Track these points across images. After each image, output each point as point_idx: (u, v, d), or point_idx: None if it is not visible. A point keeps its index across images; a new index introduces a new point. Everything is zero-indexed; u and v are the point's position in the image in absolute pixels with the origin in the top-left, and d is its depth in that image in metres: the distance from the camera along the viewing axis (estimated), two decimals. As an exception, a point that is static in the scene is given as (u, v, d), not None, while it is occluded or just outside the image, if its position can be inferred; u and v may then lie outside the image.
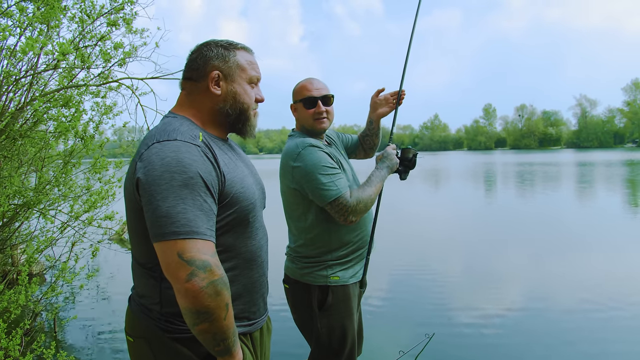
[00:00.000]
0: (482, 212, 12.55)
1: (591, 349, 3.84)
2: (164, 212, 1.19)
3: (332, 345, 2.13)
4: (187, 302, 1.18)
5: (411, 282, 6.00)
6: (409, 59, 2.51)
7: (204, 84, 1.42)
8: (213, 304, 1.18)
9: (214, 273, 1.19)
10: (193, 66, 1.43)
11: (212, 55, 1.42)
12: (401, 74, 2.48)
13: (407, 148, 2.35)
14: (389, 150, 2.31)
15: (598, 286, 5.48)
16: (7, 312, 3.11)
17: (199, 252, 1.18)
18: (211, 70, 1.42)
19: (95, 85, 3.96)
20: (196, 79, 1.43)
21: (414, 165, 2.35)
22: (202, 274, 1.17)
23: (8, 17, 3.26)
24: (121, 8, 3.61)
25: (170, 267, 1.18)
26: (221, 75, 1.42)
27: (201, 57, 1.43)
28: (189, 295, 1.17)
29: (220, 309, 1.20)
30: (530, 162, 39.53)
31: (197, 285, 1.16)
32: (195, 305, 1.17)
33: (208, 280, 1.17)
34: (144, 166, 1.24)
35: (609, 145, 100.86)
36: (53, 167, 4.34)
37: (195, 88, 1.44)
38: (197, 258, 1.18)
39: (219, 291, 1.19)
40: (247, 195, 1.38)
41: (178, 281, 1.17)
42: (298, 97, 2.22)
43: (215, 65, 1.42)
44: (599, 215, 11.22)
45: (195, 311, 1.18)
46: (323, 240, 2.12)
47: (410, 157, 2.34)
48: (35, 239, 4.28)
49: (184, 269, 1.17)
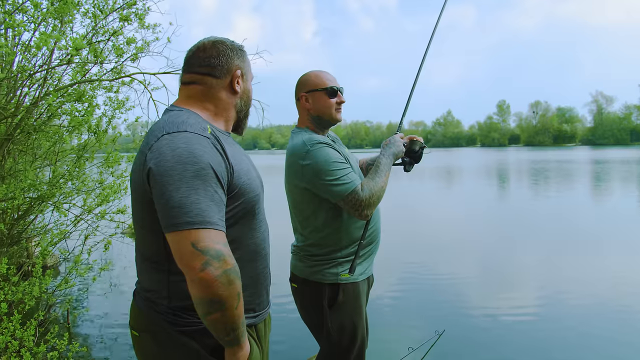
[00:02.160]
0: (495, 210, 12.43)
1: (604, 350, 3.78)
2: (177, 202, 1.20)
3: (342, 342, 2.12)
4: (201, 292, 1.18)
5: (423, 279, 5.97)
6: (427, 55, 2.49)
7: (225, 81, 1.48)
8: (226, 293, 1.19)
9: (227, 262, 1.20)
10: (214, 62, 1.47)
11: (234, 55, 1.50)
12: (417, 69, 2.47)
13: (415, 140, 2.25)
14: (396, 137, 2.24)
15: (612, 287, 5.40)
16: (21, 304, 3.16)
17: (213, 242, 1.19)
18: (236, 68, 1.49)
19: (108, 80, 3.99)
20: (218, 75, 1.47)
21: (419, 158, 2.26)
22: (216, 263, 1.18)
23: (23, 13, 3.29)
24: (133, 3, 3.63)
25: (184, 256, 1.19)
26: (241, 74, 1.51)
27: (223, 55, 1.48)
28: (203, 285, 1.17)
29: (232, 298, 1.21)
30: (544, 160, 39.04)
31: (211, 275, 1.17)
32: (209, 294, 1.18)
33: (222, 270, 1.18)
34: (154, 157, 1.25)
35: (625, 143, 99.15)
36: (67, 161, 4.39)
37: (216, 83, 1.48)
38: (211, 247, 1.18)
39: (232, 280, 1.20)
40: (252, 187, 1.40)
41: (192, 271, 1.17)
42: (316, 87, 2.14)
43: (237, 64, 1.50)
44: (615, 214, 11.04)
45: (208, 300, 1.18)
46: (334, 239, 2.10)
47: (417, 149, 2.24)
48: (49, 231, 4.34)
49: (199, 259, 1.17)
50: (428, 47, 2.50)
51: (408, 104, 2.42)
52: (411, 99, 2.42)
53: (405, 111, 2.41)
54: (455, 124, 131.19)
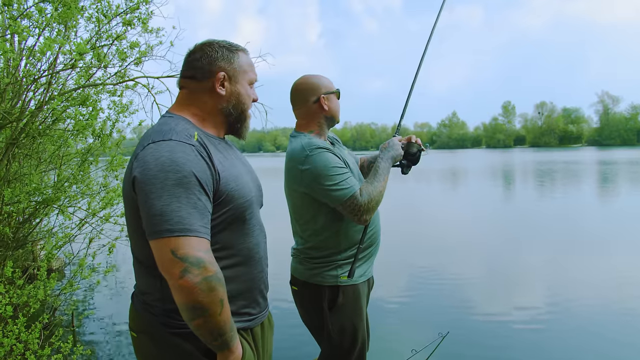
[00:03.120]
0: (500, 212, 12.38)
1: (609, 352, 3.76)
2: (158, 210, 1.21)
3: (343, 344, 2.12)
4: (182, 298, 1.20)
5: (427, 281, 5.96)
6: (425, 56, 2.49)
7: (208, 84, 1.45)
8: (207, 300, 1.20)
9: (207, 269, 1.21)
10: (196, 65, 1.45)
11: (218, 56, 1.45)
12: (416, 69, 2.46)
13: (412, 142, 2.25)
14: (394, 140, 2.24)
15: (618, 289, 5.37)
16: (26, 307, 3.18)
17: (193, 249, 1.20)
18: (217, 70, 1.44)
19: (112, 84, 4.02)
20: (200, 77, 1.45)
21: (417, 160, 2.26)
22: (196, 270, 1.19)
23: (28, 18, 3.32)
24: (136, 8, 3.64)
25: (164, 264, 1.21)
26: (226, 77, 1.45)
27: (206, 56, 1.44)
28: (183, 292, 1.19)
29: (214, 305, 1.22)
30: (550, 161, 38.84)
31: (190, 282, 1.18)
32: (190, 301, 1.19)
33: (202, 277, 1.19)
34: (139, 166, 1.27)
35: (631, 143, 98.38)
36: (71, 165, 4.42)
37: (198, 87, 1.46)
38: (191, 255, 1.20)
39: (212, 287, 1.21)
40: (242, 193, 1.40)
41: (172, 278, 1.20)
42: (329, 89, 2.18)
43: (221, 66, 1.45)
44: (621, 215, 10.96)
45: (190, 307, 1.20)
46: (333, 242, 2.11)
47: (414, 151, 2.23)
48: (54, 235, 4.37)
49: (178, 266, 1.19)
50: (425, 49, 2.49)
51: (406, 107, 2.42)
52: (409, 101, 2.42)
53: (403, 114, 2.41)
54: (460, 126, 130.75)
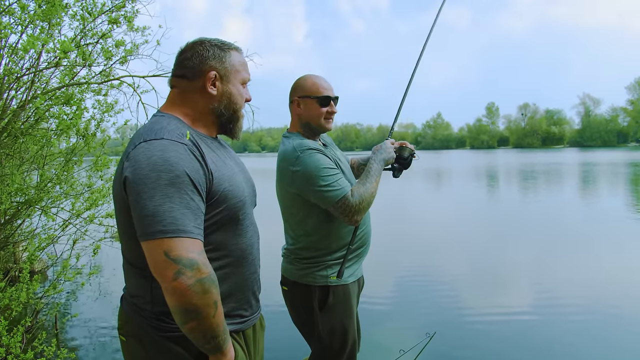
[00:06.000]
0: (485, 212, 12.52)
1: (595, 350, 3.82)
2: (151, 211, 1.19)
3: (333, 345, 2.12)
4: (175, 301, 1.18)
5: (414, 281, 5.99)
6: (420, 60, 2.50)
7: (199, 83, 1.42)
8: (201, 302, 1.18)
9: (201, 271, 1.19)
10: (187, 64, 1.42)
11: (209, 55, 1.42)
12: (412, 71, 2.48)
13: (404, 147, 2.28)
14: (387, 143, 2.25)
15: (602, 286, 5.46)
16: (8, 310, 3.12)
17: (186, 251, 1.18)
18: (209, 70, 1.41)
19: (97, 83, 3.96)
20: (191, 77, 1.42)
21: (408, 164, 2.28)
22: (189, 272, 1.17)
23: (10, 15, 3.26)
24: (122, 6, 3.61)
25: (157, 266, 1.19)
26: (218, 76, 1.42)
27: (197, 55, 1.42)
28: (177, 294, 1.17)
29: (208, 307, 1.20)
30: (533, 162, 39.42)
31: (184, 284, 1.16)
32: (183, 303, 1.17)
33: (195, 279, 1.17)
34: (131, 165, 1.24)
35: (612, 144, 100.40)
36: (55, 165, 4.34)
37: (189, 86, 1.43)
38: (184, 256, 1.17)
39: (206, 289, 1.19)
40: (235, 193, 1.38)
41: (165, 280, 1.17)
42: (310, 93, 2.13)
43: (212, 65, 1.42)
44: (603, 215, 11.17)
45: (183, 309, 1.18)
46: (324, 243, 2.11)
47: (406, 155, 2.27)
48: (36, 236, 4.28)
49: (171, 268, 1.16)
50: (422, 52, 2.51)
51: (399, 110, 2.44)
52: (402, 106, 2.44)
53: (397, 118, 2.43)
54: (445, 126, 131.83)
